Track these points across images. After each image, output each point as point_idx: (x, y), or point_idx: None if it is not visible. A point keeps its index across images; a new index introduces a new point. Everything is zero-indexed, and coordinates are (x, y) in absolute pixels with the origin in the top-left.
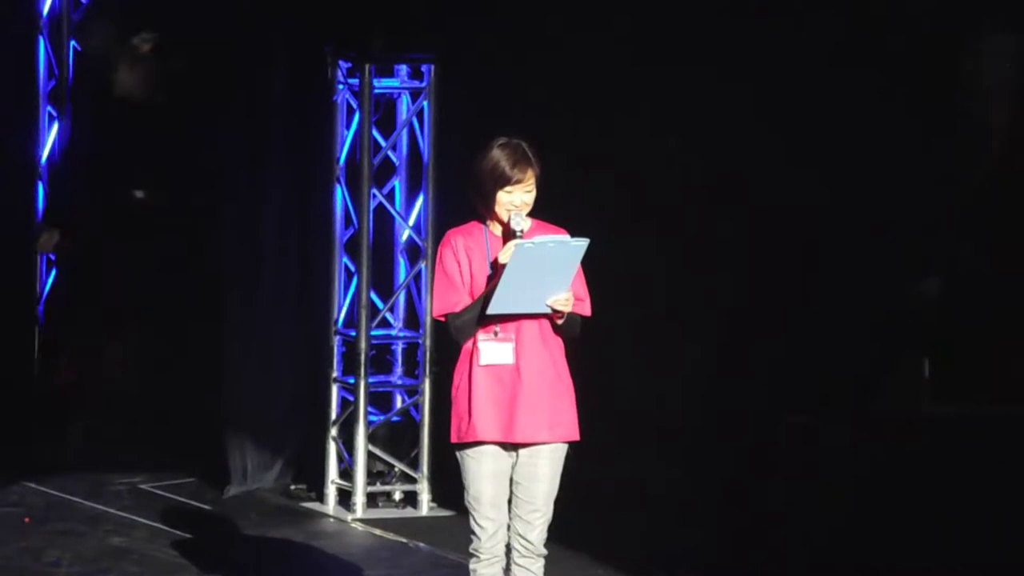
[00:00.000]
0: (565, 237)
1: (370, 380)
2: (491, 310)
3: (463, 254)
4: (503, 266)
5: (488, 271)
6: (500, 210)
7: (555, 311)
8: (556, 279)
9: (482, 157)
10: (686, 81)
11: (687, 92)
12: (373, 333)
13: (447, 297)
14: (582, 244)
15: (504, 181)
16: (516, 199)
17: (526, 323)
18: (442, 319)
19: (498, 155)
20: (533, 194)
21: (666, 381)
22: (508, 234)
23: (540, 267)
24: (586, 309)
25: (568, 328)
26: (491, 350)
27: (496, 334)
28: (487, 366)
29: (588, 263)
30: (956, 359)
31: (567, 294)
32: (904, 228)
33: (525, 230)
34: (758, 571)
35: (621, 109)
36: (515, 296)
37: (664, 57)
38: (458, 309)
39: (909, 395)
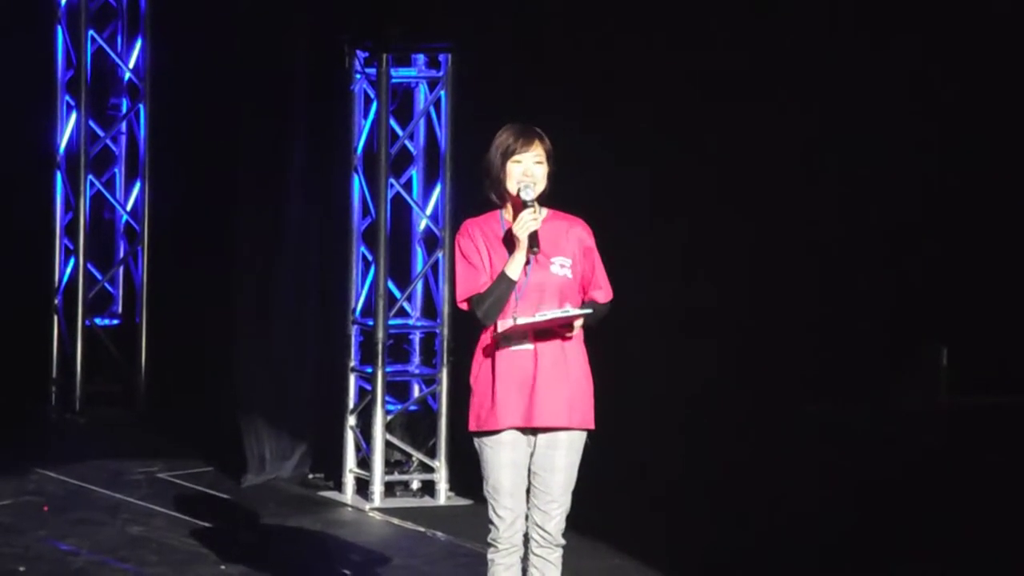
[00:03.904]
0: (567, 309)
1: (388, 369)
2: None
3: (480, 241)
4: (518, 240)
5: (507, 257)
6: (511, 184)
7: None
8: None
9: (492, 142)
10: (708, 74)
11: (710, 86)
12: (391, 322)
13: (469, 280)
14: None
15: (511, 152)
16: (527, 168)
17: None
18: (465, 305)
19: (505, 131)
20: (544, 167)
21: (682, 372)
22: (519, 207)
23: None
24: (604, 296)
25: (589, 315)
26: (509, 336)
27: (515, 319)
28: (505, 352)
29: (608, 252)
30: (974, 349)
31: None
32: (919, 220)
33: (535, 199)
34: (773, 560)
35: (642, 99)
36: None
37: (689, 47)
38: (483, 290)
39: (926, 385)
